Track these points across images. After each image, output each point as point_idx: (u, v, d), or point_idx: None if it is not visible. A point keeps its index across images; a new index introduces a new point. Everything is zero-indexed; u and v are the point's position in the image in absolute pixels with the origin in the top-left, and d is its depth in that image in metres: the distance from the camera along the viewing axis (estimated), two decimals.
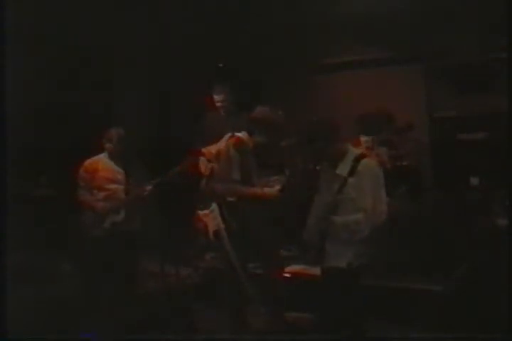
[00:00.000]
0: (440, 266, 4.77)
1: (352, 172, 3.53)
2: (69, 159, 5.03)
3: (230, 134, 5.45)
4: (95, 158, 4.84)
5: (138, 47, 6.56)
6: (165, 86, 6.50)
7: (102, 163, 4.81)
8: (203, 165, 5.41)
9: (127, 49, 6.51)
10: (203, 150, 5.50)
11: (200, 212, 4.51)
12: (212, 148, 5.45)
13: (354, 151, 3.71)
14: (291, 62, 6.76)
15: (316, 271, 3.87)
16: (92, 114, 6.02)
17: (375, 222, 3.56)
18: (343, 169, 3.58)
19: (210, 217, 4.26)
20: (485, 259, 4.55)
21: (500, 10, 3.93)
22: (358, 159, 3.58)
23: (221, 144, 4.57)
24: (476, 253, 4.70)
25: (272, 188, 4.09)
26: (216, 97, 5.65)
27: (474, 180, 5.72)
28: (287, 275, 4.86)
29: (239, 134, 4.30)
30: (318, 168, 4.21)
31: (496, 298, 3.94)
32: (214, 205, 4.22)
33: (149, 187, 4.71)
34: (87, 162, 4.82)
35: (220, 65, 6.63)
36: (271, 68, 6.74)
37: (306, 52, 6.73)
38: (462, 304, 4.25)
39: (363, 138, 5.79)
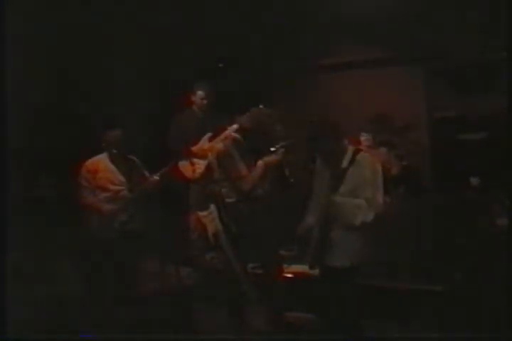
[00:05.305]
0: (440, 266, 4.77)
1: (351, 163, 3.58)
2: (69, 159, 5.02)
3: (210, 134, 5.45)
4: (96, 158, 4.85)
5: (137, 46, 6.57)
6: (163, 84, 6.50)
7: (102, 163, 4.81)
8: (189, 168, 5.40)
9: (127, 48, 6.52)
10: (194, 149, 5.50)
11: (200, 213, 4.50)
12: (203, 147, 5.44)
13: (352, 149, 3.74)
14: (291, 63, 6.76)
15: (316, 271, 3.88)
16: (92, 114, 6.02)
17: (375, 211, 3.56)
18: (344, 164, 3.62)
19: (209, 218, 4.25)
20: (485, 259, 4.55)
21: (500, 10, 3.93)
22: (355, 152, 3.65)
23: (217, 144, 4.54)
24: (476, 253, 4.70)
25: (270, 156, 4.11)
26: (200, 93, 5.66)
27: (474, 180, 5.72)
28: (287, 275, 4.86)
29: (234, 134, 4.29)
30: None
31: (496, 298, 3.94)
32: (212, 207, 4.21)
33: (154, 180, 4.73)
34: (88, 162, 4.83)
35: (220, 65, 6.63)
36: (270, 68, 6.74)
37: (306, 53, 6.73)
38: (462, 304, 4.25)
39: (363, 138, 5.80)
